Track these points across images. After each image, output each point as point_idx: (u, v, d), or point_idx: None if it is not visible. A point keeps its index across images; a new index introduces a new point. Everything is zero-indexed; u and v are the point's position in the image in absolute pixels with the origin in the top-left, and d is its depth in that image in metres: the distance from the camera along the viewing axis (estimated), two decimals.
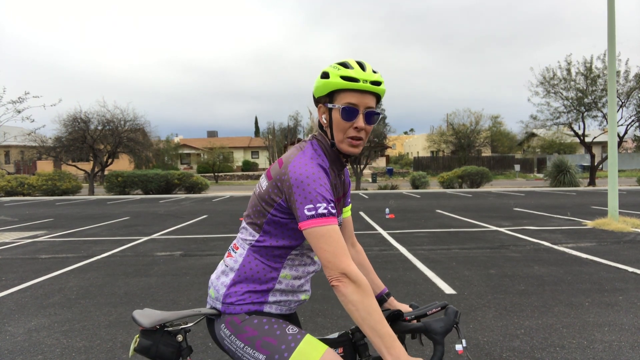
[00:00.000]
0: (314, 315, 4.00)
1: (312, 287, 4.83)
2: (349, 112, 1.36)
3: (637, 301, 4.23)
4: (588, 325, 3.63)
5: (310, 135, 1.51)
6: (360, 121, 1.37)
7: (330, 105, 1.39)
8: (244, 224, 1.48)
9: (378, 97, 1.42)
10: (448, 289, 4.76)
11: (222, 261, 1.53)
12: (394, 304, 1.66)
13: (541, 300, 4.33)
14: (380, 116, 1.46)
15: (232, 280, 1.42)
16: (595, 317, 3.83)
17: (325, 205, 1.27)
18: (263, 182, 1.43)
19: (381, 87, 1.38)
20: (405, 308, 1.63)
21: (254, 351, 1.33)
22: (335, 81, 1.35)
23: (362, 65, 1.39)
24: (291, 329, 1.37)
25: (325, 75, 1.39)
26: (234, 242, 1.51)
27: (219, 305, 1.43)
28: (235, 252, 1.46)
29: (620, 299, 4.29)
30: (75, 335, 3.63)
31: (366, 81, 1.35)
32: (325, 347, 1.33)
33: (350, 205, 1.69)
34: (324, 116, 1.42)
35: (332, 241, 1.25)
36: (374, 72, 1.40)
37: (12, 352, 3.30)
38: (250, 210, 1.45)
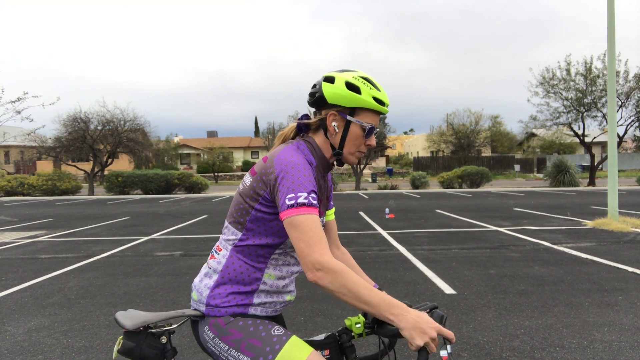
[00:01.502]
0: (314, 315, 4.00)
1: (312, 288, 4.83)
2: (371, 131, 1.44)
3: (637, 301, 4.23)
4: (588, 325, 3.63)
5: (297, 137, 1.51)
6: (373, 139, 1.47)
7: (351, 119, 1.41)
8: (226, 224, 1.47)
9: None
10: (448, 289, 4.76)
11: (205, 264, 1.52)
12: None
13: (541, 300, 4.33)
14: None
15: (215, 282, 1.41)
16: (595, 317, 3.83)
17: (305, 195, 1.26)
18: (247, 179, 1.44)
19: None
20: None
21: (239, 354, 1.32)
22: (368, 100, 1.40)
23: (378, 86, 1.45)
24: (277, 330, 1.36)
25: (354, 89, 1.40)
26: (217, 244, 1.50)
27: (202, 308, 1.41)
28: (219, 254, 1.45)
29: (620, 299, 4.30)
30: (75, 335, 3.63)
31: (388, 106, 1.45)
32: (310, 349, 1.32)
33: (334, 208, 1.69)
34: (335, 124, 1.42)
35: (308, 230, 1.23)
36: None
37: (12, 352, 3.30)
38: (234, 209, 1.44)
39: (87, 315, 4.13)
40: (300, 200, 1.26)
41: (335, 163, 1.51)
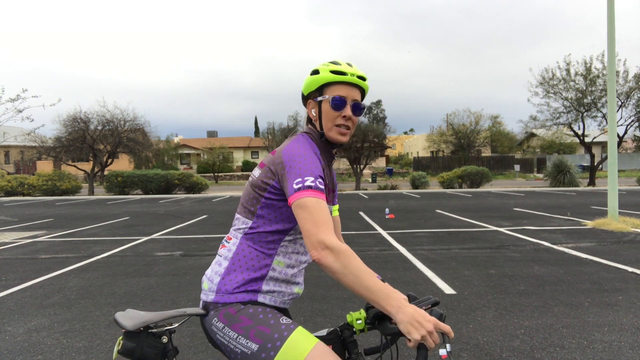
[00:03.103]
0: (314, 315, 4.00)
1: (312, 288, 4.83)
2: (338, 103, 1.47)
3: (637, 301, 4.23)
4: (588, 325, 3.63)
5: (299, 130, 1.59)
6: (348, 110, 1.49)
7: (320, 98, 1.50)
8: (237, 215, 1.52)
9: (363, 93, 1.55)
10: (448, 289, 4.76)
11: (216, 256, 1.55)
12: None
13: (541, 300, 4.33)
14: (365, 109, 1.57)
15: (226, 269, 1.44)
16: (595, 317, 3.83)
17: (312, 179, 1.31)
18: (256, 172, 1.50)
19: (366, 82, 1.52)
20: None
21: (247, 341, 1.33)
22: (325, 75, 1.48)
23: (348, 64, 1.53)
24: (285, 320, 1.38)
25: (315, 72, 1.51)
26: (227, 234, 1.54)
27: (212, 296, 1.42)
28: (229, 242, 1.50)
29: (620, 299, 4.30)
30: (75, 335, 3.63)
31: (353, 75, 1.49)
32: (316, 340, 1.34)
33: (337, 205, 1.71)
34: (313, 110, 1.53)
35: (315, 211, 1.26)
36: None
37: (12, 352, 3.30)
38: (244, 200, 1.50)
39: (87, 315, 4.13)
40: (307, 183, 1.30)
41: (335, 153, 1.59)
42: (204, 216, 12.67)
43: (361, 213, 12.72)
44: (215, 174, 40.01)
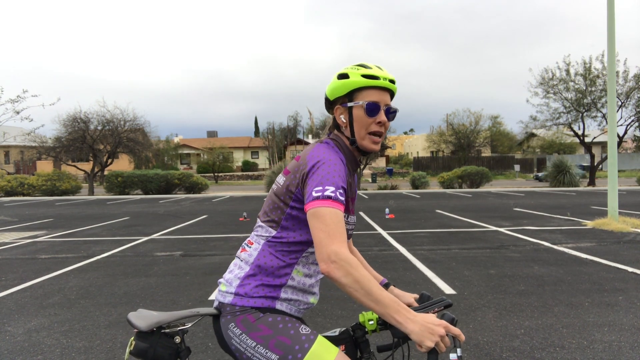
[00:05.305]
0: (314, 315, 4.00)
1: None
2: (373, 108, 1.42)
3: (637, 301, 4.23)
4: (588, 325, 3.63)
5: (324, 137, 1.53)
6: (382, 116, 1.44)
7: (350, 104, 1.44)
8: (259, 222, 1.49)
9: (392, 96, 1.51)
10: (448, 289, 4.76)
11: (234, 259, 1.54)
12: (396, 293, 1.64)
13: (541, 300, 4.33)
14: (397, 112, 1.52)
15: (246, 273, 1.42)
16: (595, 317, 3.83)
17: (333, 189, 1.26)
18: (280, 179, 1.46)
19: (395, 85, 1.48)
20: (409, 299, 1.62)
21: (267, 351, 1.32)
22: (357, 80, 1.42)
23: (378, 67, 1.48)
24: (304, 329, 1.36)
25: (344, 76, 1.45)
26: (249, 238, 1.52)
27: (230, 298, 1.41)
28: (250, 247, 1.47)
29: (620, 299, 4.30)
30: (75, 335, 3.63)
31: (385, 79, 1.44)
32: (336, 349, 1.33)
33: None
34: (342, 116, 1.47)
35: (331, 222, 1.22)
36: None
37: (12, 352, 3.30)
38: (267, 209, 1.46)
39: (87, 315, 4.13)
40: (327, 193, 1.25)
41: (360, 159, 1.53)
42: (204, 216, 12.67)
43: (361, 213, 12.71)
44: (215, 174, 40.01)
